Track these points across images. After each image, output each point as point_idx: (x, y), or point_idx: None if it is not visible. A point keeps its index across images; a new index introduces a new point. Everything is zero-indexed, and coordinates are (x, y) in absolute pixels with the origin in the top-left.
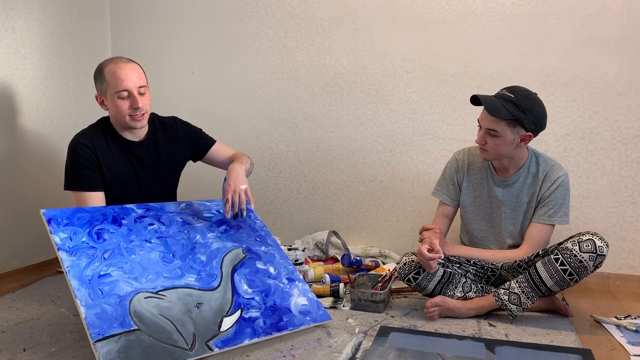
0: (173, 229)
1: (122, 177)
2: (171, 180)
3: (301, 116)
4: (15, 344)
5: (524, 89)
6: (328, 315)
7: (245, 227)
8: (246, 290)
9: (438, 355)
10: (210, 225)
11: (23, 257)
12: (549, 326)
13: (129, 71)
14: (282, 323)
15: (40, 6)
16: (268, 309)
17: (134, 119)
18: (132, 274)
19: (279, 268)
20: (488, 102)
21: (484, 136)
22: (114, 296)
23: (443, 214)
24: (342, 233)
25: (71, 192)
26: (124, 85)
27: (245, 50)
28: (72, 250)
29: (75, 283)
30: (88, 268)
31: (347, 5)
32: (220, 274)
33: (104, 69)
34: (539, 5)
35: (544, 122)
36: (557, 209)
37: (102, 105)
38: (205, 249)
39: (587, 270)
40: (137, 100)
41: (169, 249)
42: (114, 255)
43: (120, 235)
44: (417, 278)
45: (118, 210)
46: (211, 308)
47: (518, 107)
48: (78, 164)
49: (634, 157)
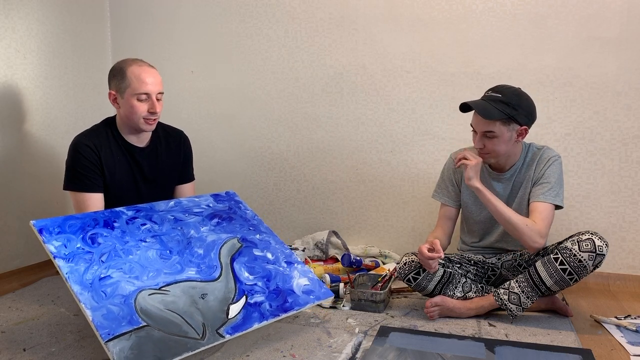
0: (166, 226)
1: (122, 181)
2: (166, 190)
3: (301, 116)
4: (15, 344)
5: (508, 86)
6: (330, 292)
7: (237, 218)
8: (247, 277)
9: (438, 355)
10: (202, 220)
11: (23, 257)
12: (549, 326)
13: (152, 75)
14: (287, 304)
15: (40, 6)
16: (272, 292)
17: (147, 122)
18: (132, 273)
19: (276, 253)
20: (479, 106)
21: (482, 140)
22: (118, 296)
23: (445, 215)
24: (342, 233)
25: (70, 192)
26: (146, 89)
27: (245, 50)
28: (69, 257)
29: (77, 288)
30: (87, 272)
31: (347, 5)
32: (220, 264)
33: (126, 68)
34: (539, 5)
35: (534, 114)
36: (552, 187)
37: (114, 103)
38: (201, 242)
39: (586, 269)
40: (156, 105)
41: (165, 246)
42: (111, 258)
43: (115, 238)
44: (417, 278)
45: (108, 214)
46: (216, 297)
47: (508, 105)
48: (79, 164)
49: (634, 157)
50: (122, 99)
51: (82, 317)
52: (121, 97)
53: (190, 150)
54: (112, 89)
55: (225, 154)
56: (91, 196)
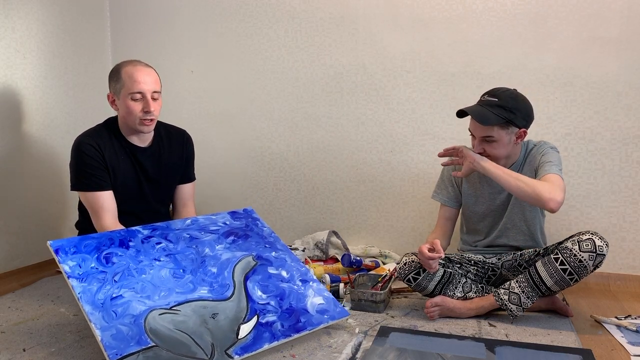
0: (181, 245)
1: (126, 180)
2: (169, 190)
3: (301, 116)
4: (15, 344)
5: (504, 89)
6: (346, 312)
7: (253, 235)
8: (260, 296)
9: (438, 356)
10: (217, 238)
11: (23, 257)
12: (549, 326)
13: (146, 74)
14: (300, 324)
15: (40, 6)
16: (285, 311)
17: (143, 123)
18: (144, 293)
19: (292, 271)
20: (475, 112)
21: (481, 144)
22: (128, 316)
23: (445, 216)
24: (342, 233)
25: (79, 192)
26: (140, 88)
27: (245, 50)
28: (82, 277)
29: (89, 308)
30: (100, 292)
31: (347, 5)
32: (233, 283)
33: (121, 69)
34: (539, 5)
35: (532, 115)
36: (554, 164)
37: (113, 105)
38: (215, 260)
39: (586, 269)
40: (150, 104)
41: (179, 264)
42: (124, 277)
43: (129, 257)
44: (417, 278)
45: (124, 234)
46: (227, 317)
47: (505, 109)
48: (84, 163)
49: (635, 157)
50: (119, 100)
51: (82, 317)
52: (118, 99)
53: (193, 150)
54: (110, 90)
55: (225, 153)
56: (102, 194)
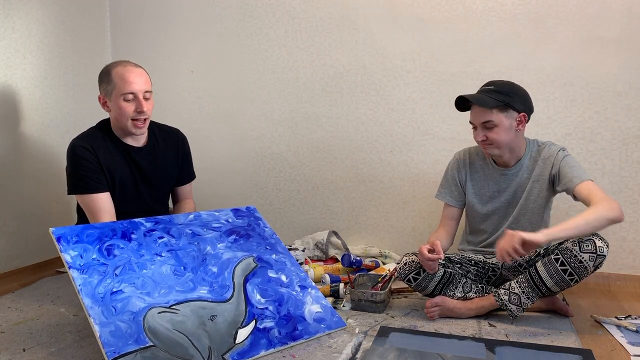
0: (183, 241)
1: (122, 181)
2: (165, 189)
3: (301, 116)
4: (15, 344)
5: (499, 80)
6: (343, 322)
7: (254, 235)
8: (259, 300)
9: (438, 356)
10: (219, 236)
11: (23, 257)
12: (549, 326)
13: (136, 75)
14: (297, 332)
15: (40, 6)
16: (282, 318)
17: (135, 125)
18: (144, 289)
19: (291, 276)
20: (474, 97)
21: (482, 131)
22: (127, 313)
23: (448, 216)
24: (342, 233)
25: (77, 195)
26: (131, 88)
27: (245, 50)
28: (84, 268)
29: (88, 301)
30: (100, 285)
31: (347, 5)
32: (233, 284)
33: (111, 70)
34: (539, 5)
35: (530, 101)
36: (577, 168)
37: (104, 106)
38: (216, 260)
39: (587, 270)
40: (142, 104)
41: (180, 261)
42: (125, 271)
43: (131, 250)
44: (417, 278)
45: (127, 225)
46: (225, 320)
47: (502, 93)
48: (80, 166)
49: (635, 157)
50: (111, 101)
51: (82, 317)
52: (110, 100)
53: (189, 149)
54: (101, 92)
55: (225, 154)
56: (99, 196)
